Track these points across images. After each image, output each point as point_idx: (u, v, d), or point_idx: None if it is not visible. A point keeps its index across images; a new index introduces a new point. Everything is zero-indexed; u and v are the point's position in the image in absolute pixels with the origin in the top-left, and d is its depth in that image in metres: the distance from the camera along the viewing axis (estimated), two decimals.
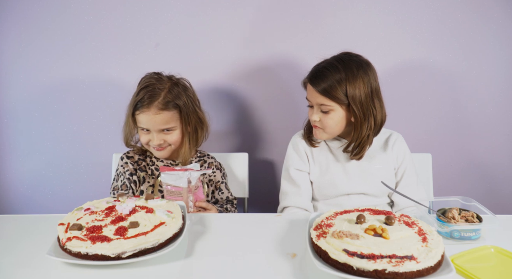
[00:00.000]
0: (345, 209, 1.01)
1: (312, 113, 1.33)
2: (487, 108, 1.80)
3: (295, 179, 1.38)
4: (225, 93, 1.77)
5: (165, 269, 0.86)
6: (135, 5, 1.69)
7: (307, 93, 1.34)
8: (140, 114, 1.31)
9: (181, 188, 1.21)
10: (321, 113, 1.30)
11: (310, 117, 1.35)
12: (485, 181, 1.88)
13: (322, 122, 1.31)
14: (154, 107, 1.29)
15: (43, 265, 0.87)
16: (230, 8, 1.69)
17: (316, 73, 1.30)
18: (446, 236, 0.98)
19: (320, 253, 0.84)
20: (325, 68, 1.28)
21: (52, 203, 1.86)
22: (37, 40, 1.70)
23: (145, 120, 1.31)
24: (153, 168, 1.42)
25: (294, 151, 1.42)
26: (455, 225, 0.97)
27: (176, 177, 1.22)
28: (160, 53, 1.73)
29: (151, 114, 1.30)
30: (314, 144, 1.40)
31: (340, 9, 1.70)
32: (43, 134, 1.80)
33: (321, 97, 1.27)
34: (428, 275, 0.77)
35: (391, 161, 1.38)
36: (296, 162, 1.39)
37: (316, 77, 1.28)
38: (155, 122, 1.30)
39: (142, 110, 1.30)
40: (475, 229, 0.98)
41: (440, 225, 0.99)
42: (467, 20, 1.72)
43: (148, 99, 1.29)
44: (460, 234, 0.98)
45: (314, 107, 1.32)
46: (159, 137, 1.33)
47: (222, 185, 1.47)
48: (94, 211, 0.99)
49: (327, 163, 1.38)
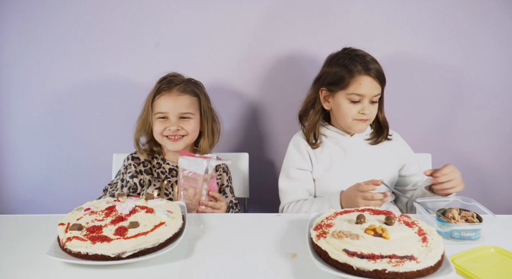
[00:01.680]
0: (345, 209, 1.02)
1: (362, 108, 1.31)
2: (487, 108, 1.80)
3: (294, 178, 1.38)
4: (225, 93, 1.77)
5: (165, 269, 0.86)
6: (135, 5, 1.69)
7: (361, 87, 1.29)
8: (160, 98, 1.34)
9: (198, 175, 1.22)
10: (369, 104, 1.33)
11: (356, 112, 1.32)
12: (485, 181, 1.87)
13: (372, 113, 1.34)
14: (175, 90, 1.35)
15: (43, 265, 0.87)
16: (230, 8, 1.69)
17: (374, 64, 1.31)
18: (446, 236, 0.98)
19: (320, 253, 0.84)
20: (371, 57, 1.33)
21: (52, 203, 1.85)
22: (37, 40, 1.70)
23: (165, 103, 1.34)
24: (159, 172, 1.41)
25: (296, 151, 1.41)
26: (455, 225, 0.97)
27: (195, 163, 1.23)
28: (160, 53, 1.73)
29: (173, 95, 1.34)
30: (316, 145, 1.40)
31: (340, 10, 1.70)
32: (43, 134, 1.80)
33: (379, 87, 1.32)
34: (428, 275, 0.77)
35: (394, 156, 1.42)
36: (298, 161, 1.39)
37: (377, 69, 1.31)
38: (176, 104, 1.34)
39: (163, 93, 1.34)
40: (475, 229, 0.97)
41: (440, 225, 0.99)
42: (467, 20, 1.72)
43: (170, 83, 1.36)
44: (460, 234, 0.97)
45: (363, 101, 1.31)
46: (177, 123, 1.34)
47: (226, 189, 1.46)
48: (94, 211, 0.99)
49: (330, 160, 1.38)
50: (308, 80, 1.73)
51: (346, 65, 1.31)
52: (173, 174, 1.40)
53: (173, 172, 1.41)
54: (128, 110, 1.71)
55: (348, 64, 1.30)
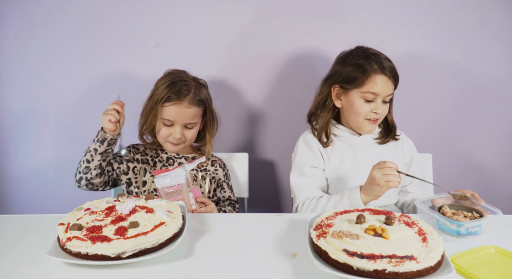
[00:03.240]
0: (345, 209, 1.01)
1: (376, 107, 1.32)
2: (487, 108, 1.80)
3: (308, 175, 1.36)
4: (225, 93, 1.77)
5: (165, 269, 0.86)
6: (135, 5, 1.69)
7: (377, 85, 1.30)
8: (171, 106, 1.34)
9: (181, 185, 1.22)
10: (382, 104, 1.33)
11: (369, 111, 1.33)
12: (485, 181, 1.87)
13: (383, 113, 1.35)
14: (186, 101, 1.35)
15: (43, 265, 0.87)
16: (230, 8, 1.69)
17: (389, 63, 1.32)
18: (453, 234, 0.99)
19: (320, 253, 0.84)
20: (385, 56, 1.33)
21: (52, 203, 1.85)
22: (37, 40, 1.70)
23: (175, 113, 1.35)
24: (157, 160, 1.45)
25: (307, 149, 1.40)
26: (468, 222, 0.98)
27: (173, 175, 1.23)
28: (160, 53, 1.73)
29: (183, 107, 1.34)
30: (326, 144, 1.39)
31: (340, 10, 1.70)
32: (43, 134, 1.80)
33: (392, 87, 1.33)
34: (428, 275, 0.77)
35: (400, 155, 1.43)
36: (311, 159, 1.38)
37: (393, 69, 1.32)
38: (185, 116, 1.35)
39: (175, 102, 1.34)
40: (479, 224, 0.99)
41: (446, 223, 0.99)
42: (467, 20, 1.72)
43: (184, 92, 1.35)
44: (468, 230, 0.98)
45: (376, 100, 1.32)
46: (181, 132, 1.37)
47: (224, 184, 1.48)
48: (94, 211, 0.99)
49: (341, 158, 1.38)
50: (308, 80, 1.74)
51: (361, 64, 1.31)
52: (170, 163, 1.44)
53: (170, 160, 1.45)
54: (128, 110, 1.70)
55: (363, 63, 1.31)
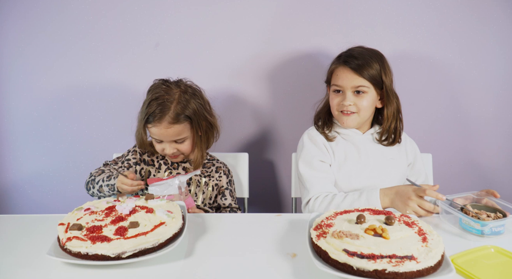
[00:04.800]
0: (345, 209, 1.02)
1: (342, 99, 1.33)
2: (487, 108, 1.80)
3: (319, 169, 1.34)
4: (225, 93, 1.77)
5: (165, 269, 0.86)
6: (135, 5, 1.69)
7: (338, 78, 1.34)
8: (152, 128, 1.33)
9: (173, 196, 1.22)
10: (354, 97, 1.32)
11: (337, 104, 1.35)
12: (485, 181, 1.87)
13: (357, 105, 1.33)
14: (165, 121, 1.30)
15: (43, 265, 0.87)
16: (230, 8, 1.69)
17: (352, 55, 1.33)
18: (476, 233, 0.99)
19: (320, 253, 0.84)
20: (358, 51, 1.34)
21: (52, 203, 1.86)
22: (37, 40, 1.70)
23: (157, 133, 1.33)
24: (162, 162, 1.44)
25: (313, 144, 1.39)
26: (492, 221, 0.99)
27: (166, 185, 1.23)
28: (160, 53, 1.73)
29: (162, 128, 1.31)
30: (331, 138, 1.39)
31: (340, 10, 1.70)
32: (43, 134, 1.80)
33: (358, 78, 1.31)
34: (428, 275, 0.77)
35: (403, 155, 1.43)
36: (318, 154, 1.37)
37: (354, 58, 1.32)
38: (167, 135, 1.33)
39: (154, 124, 1.31)
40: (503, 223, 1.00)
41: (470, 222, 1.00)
42: (467, 20, 1.71)
43: (159, 113, 1.29)
44: (492, 229, 0.99)
45: (345, 93, 1.33)
46: (172, 147, 1.36)
47: (226, 191, 1.46)
48: (94, 211, 0.99)
49: (345, 155, 1.38)
50: (308, 80, 1.74)
51: (332, 61, 1.40)
52: (174, 167, 1.44)
53: (175, 164, 1.44)
54: (128, 110, 1.71)
55: (334, 60, 1.40)
